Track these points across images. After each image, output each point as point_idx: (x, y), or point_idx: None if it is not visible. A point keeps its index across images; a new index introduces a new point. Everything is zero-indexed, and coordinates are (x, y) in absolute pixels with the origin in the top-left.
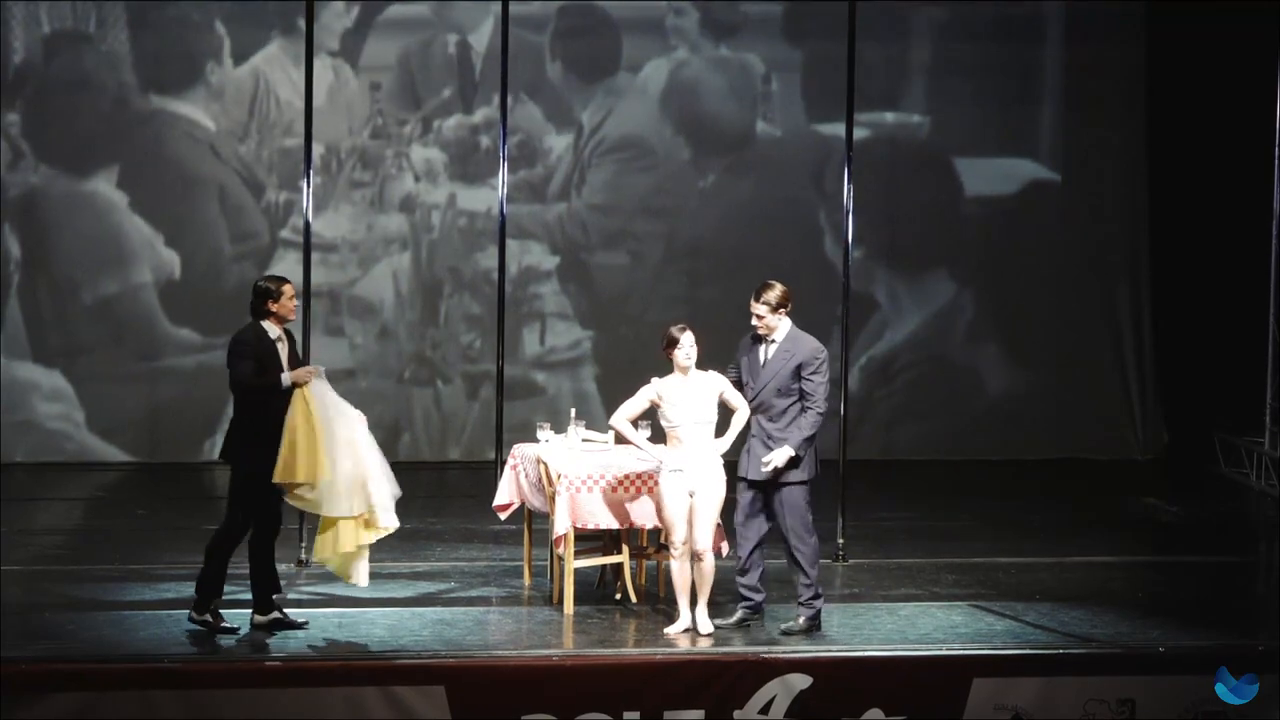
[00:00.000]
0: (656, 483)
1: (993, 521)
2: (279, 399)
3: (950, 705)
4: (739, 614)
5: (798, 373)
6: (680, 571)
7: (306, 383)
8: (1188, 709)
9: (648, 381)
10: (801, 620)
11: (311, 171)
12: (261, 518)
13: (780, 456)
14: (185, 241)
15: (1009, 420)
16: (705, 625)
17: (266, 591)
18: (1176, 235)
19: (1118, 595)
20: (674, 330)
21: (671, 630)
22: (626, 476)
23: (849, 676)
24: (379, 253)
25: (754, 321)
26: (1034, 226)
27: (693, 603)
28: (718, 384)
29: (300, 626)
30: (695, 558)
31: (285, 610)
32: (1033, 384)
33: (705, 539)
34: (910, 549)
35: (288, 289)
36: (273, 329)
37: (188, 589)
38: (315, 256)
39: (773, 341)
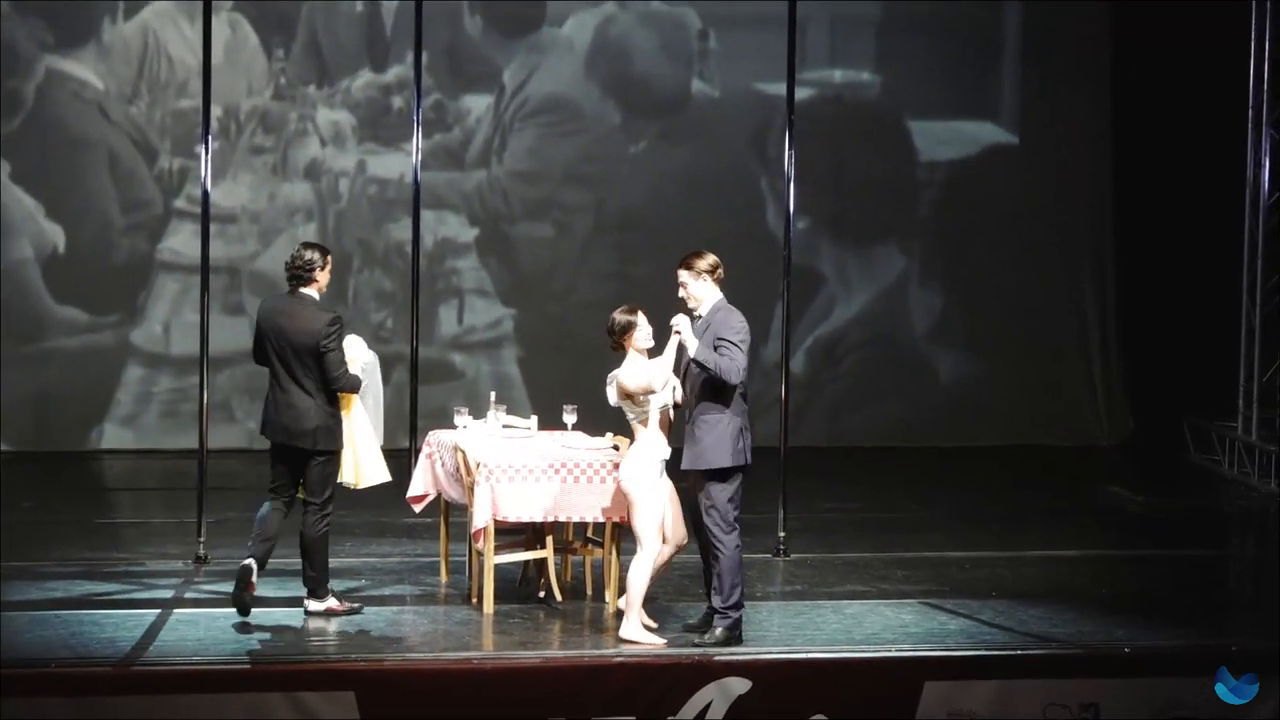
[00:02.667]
0: (587, 473)
1: (945, 513)
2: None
3: (900, 710)
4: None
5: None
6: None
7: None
8: (1155, 713)
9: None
10: (718, 631)
11: (209, 136)
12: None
13: (685, 328)
14: (70, 212)
15: (963, 404)
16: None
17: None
18: (1143, 206)
19: (1080, 592)
20: (624, 315)
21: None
22: (551, 465)
23: (791, 680)
24: (282, 224)
25: (680, 293)
26: (992, 195)
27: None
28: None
29: (358, 611)
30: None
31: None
32: (989, 365)
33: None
34: (857, 542)
35: (330, 260)
36: (318, 298)
37: (78, 587)
38: (213, 228)
39: (699, 316)
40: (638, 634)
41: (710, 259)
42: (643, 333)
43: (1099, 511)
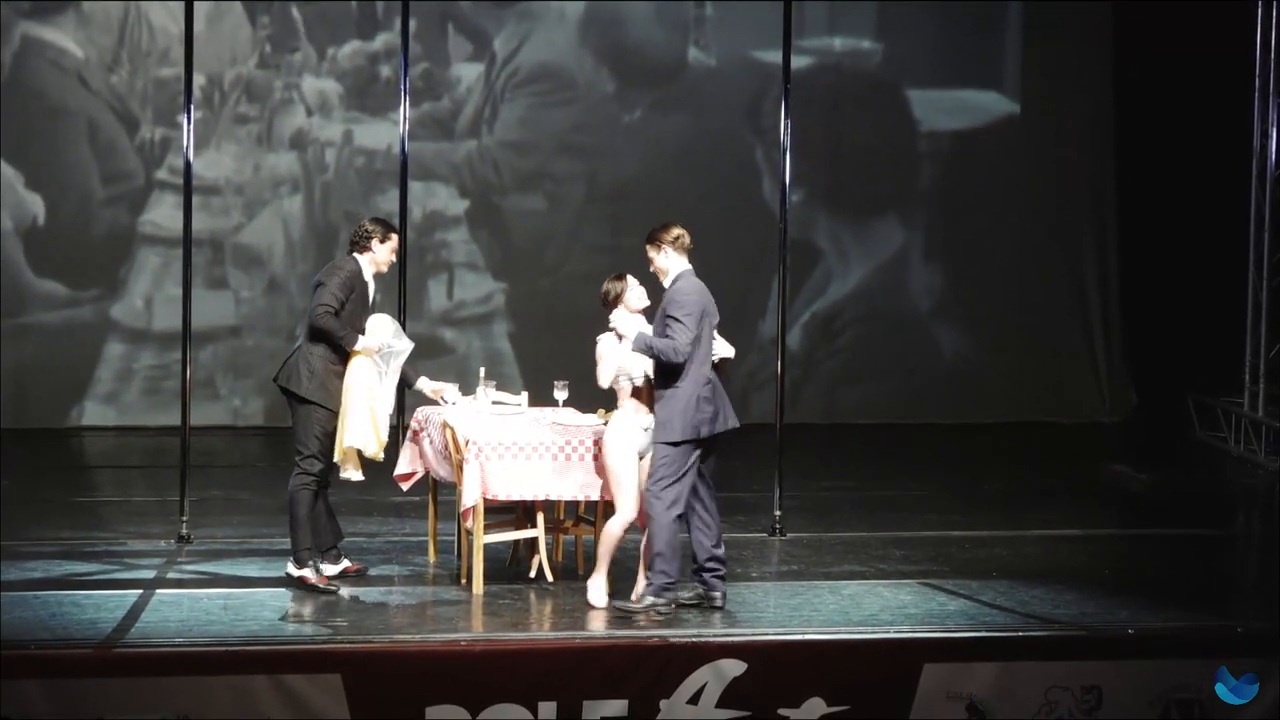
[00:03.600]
0: (579, 451)
1: (945, 491)
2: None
3: (899, 693)
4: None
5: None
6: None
7: (372, 353)
8: (1159, 696)
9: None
10: (646, 599)
11: (192, 105)
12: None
13: (627, 326)
14: (49, 184)
15: (963, 380)
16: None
17: (334, 538)
18: (1147, 177)
19: (1082, 572)
20: (614, 283)
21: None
22: (542, 443)
23: (787, 662)
24: (267, 195)
25: (650, 269)
26: (992, 166)
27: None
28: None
29: (364, 572)
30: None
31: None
32: (989, 340)
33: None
34: (854, 521)
35: (394, 240)
36: (368, 268)
37: (57, 567)
38: (196, 200)
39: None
40: (598, 596)
41: (674, 231)
42: (634, 294)
43: (1101, 490)
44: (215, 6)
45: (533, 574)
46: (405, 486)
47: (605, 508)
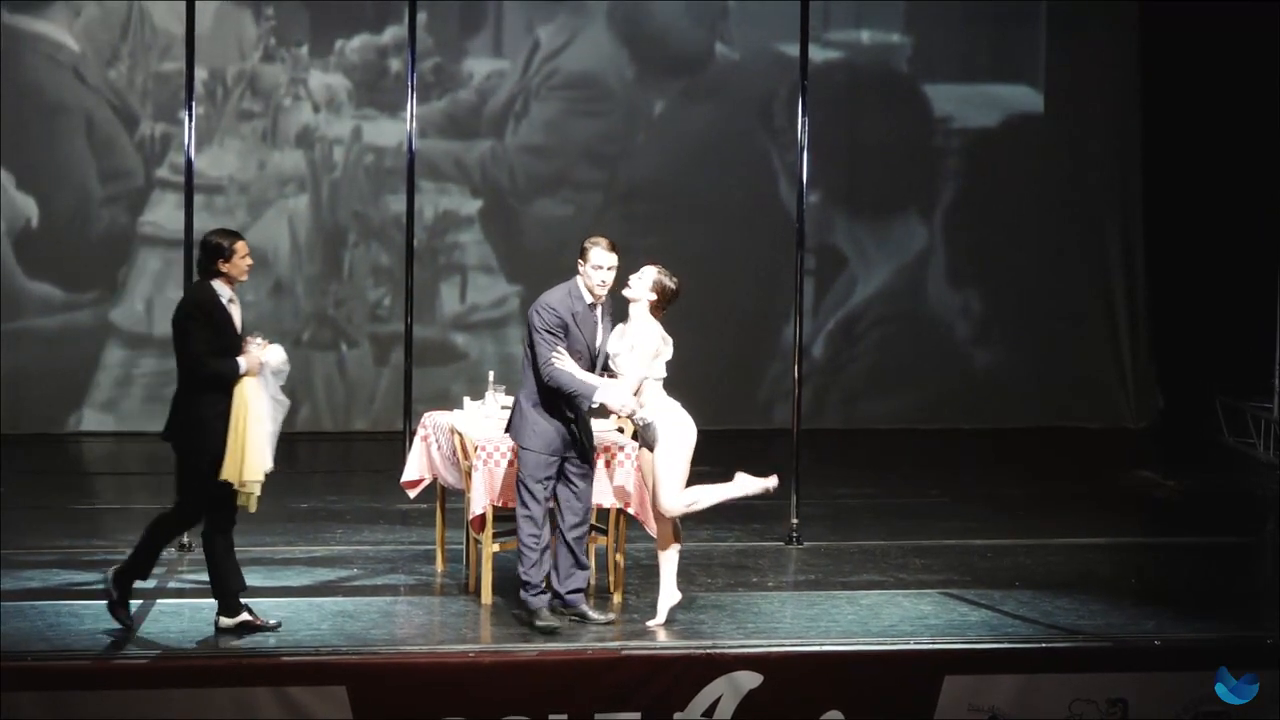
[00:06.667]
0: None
1: (967, 499)
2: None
3: (919, 706)
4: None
5: None
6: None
7: (258, 372)
8: (1185, 709)
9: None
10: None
11: (194, 100)
12: (217, 508)
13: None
14: (44, 183)
15: (985, 384)
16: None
17: (234, 591)
18: (1173, 174)
19: (1107, 581)
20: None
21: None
22: None
23: (804, 674)
24: (272, 195)
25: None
26: (1016, 162)
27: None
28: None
29: (274, 628)
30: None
31: (251, 609)
32: (1012, 344)
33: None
34: (873, 529)
35: (241, 246)
36: (224, 290)
37: (54, 576)
38: (198, 199)
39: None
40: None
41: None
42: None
43: (1127, 497)
44: None
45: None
46: (412, 494)
47: (618, 515)
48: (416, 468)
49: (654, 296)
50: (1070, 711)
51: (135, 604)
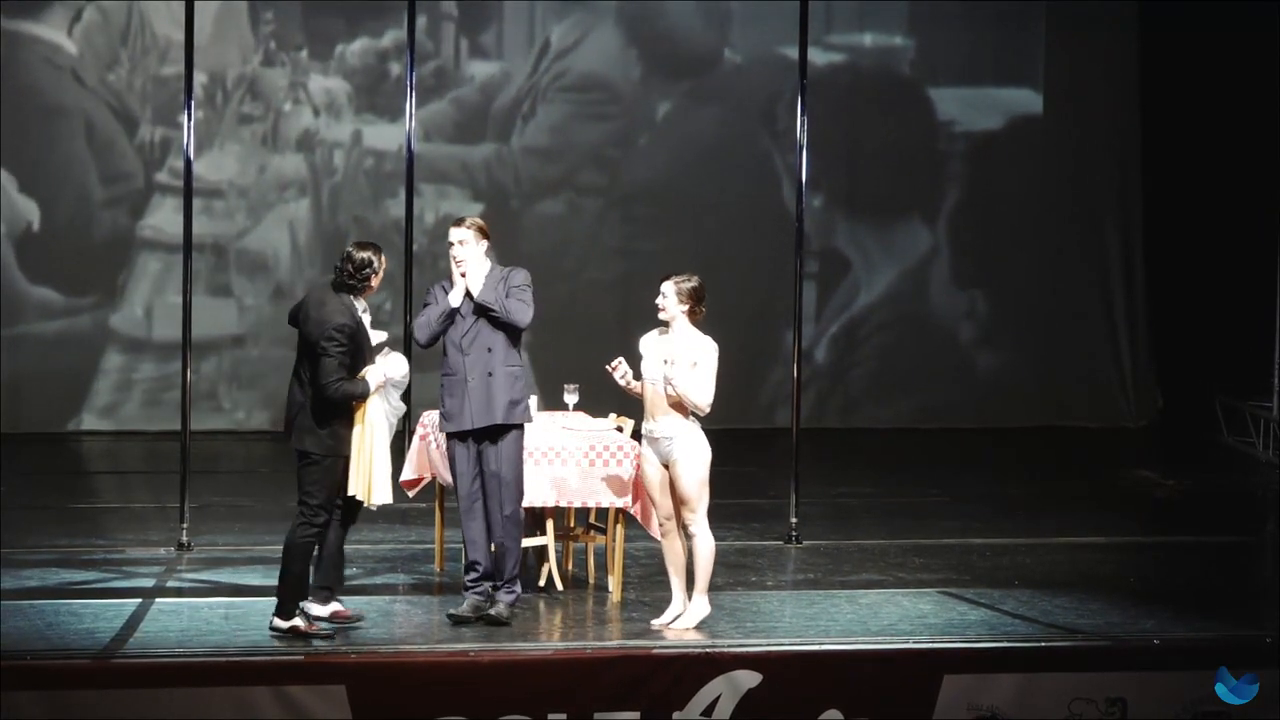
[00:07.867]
0: (589, 456)
1: (966, 498)
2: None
3: (918, 706)
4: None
5: None
6: (667, 550)
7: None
8: (1185, 709)
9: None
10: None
11: (193, 104)
12: (346, 506)
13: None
14: (44, 186)
15: (985, 384)
16: (697, 614)
17: (336, 583)
18: (1173, 174)
19: (1107, 581)
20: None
21: (659, 621)
22: (552, 448)
23: (803, 674)
24: (272, 199)
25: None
26: (1016, 164)
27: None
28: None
29: (358, 619)
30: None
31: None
32: (1013, 344)
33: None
34: (873, 529)
35: (385, 260)
36: (359, 303)
37: (54, 575)
38: (197, 203)
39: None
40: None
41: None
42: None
43: (1127, 496)
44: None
45: (542, 583)
46: (411, 493)
47: (617, 515)
48: (415, 467)
49: (687, 305)
50: (1069, 711)
51: (134, 604)
